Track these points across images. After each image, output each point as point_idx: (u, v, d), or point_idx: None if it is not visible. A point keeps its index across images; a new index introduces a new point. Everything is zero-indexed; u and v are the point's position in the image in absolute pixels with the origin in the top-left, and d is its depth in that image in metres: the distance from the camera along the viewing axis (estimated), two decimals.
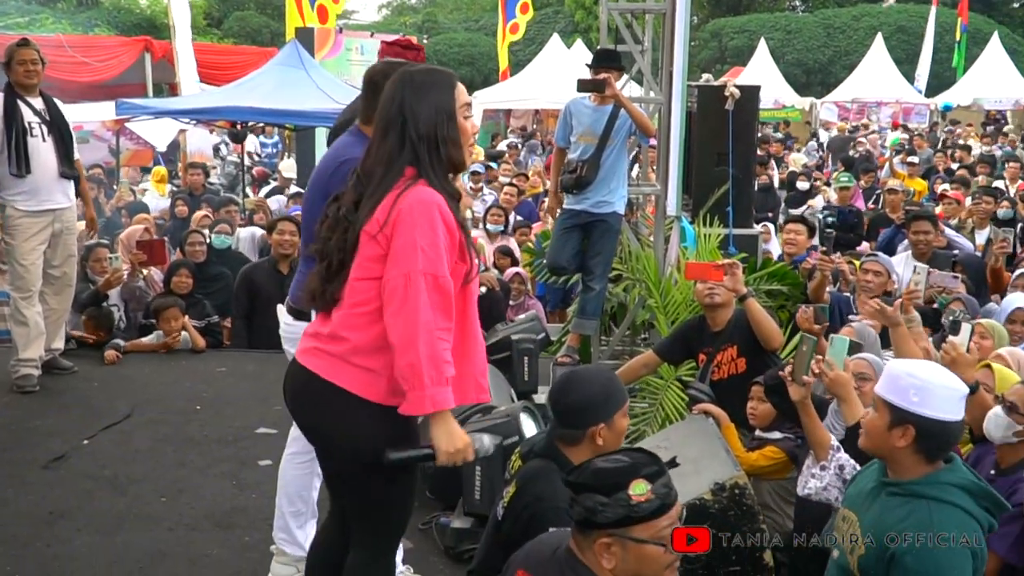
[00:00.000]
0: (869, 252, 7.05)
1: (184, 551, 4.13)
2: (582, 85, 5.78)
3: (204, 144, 16.59)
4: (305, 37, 14.40)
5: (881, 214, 9.79)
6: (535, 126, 24.28)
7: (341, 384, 2.66)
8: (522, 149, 19.34)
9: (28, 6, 26.25)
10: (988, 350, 4.41)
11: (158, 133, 15.40)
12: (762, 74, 24.56)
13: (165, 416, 5.73)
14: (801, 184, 13.00)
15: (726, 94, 7.07)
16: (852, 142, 19.79)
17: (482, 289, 5.51)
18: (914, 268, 5.16)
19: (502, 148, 18.68)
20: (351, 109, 3.83)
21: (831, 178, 14.18)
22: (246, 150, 15.17)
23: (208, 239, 7.81)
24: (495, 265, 8.13)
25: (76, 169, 6.16)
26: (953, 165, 15.25)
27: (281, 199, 11.88)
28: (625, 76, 6.49)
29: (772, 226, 9.75)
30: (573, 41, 25.61)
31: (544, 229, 8.51)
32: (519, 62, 28.39)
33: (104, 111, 13.40)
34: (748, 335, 4.73)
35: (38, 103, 5.98)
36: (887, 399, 2.69)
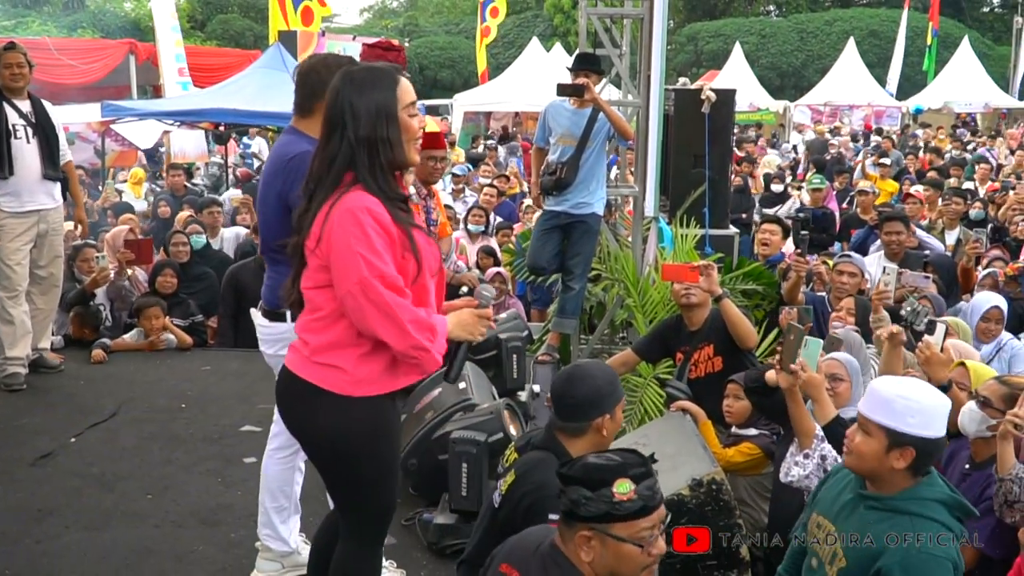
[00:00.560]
0: (843, 252, 7.08)
1: (170, 548, 4.16)
2: (562, 90, 5.87)
3: (198, 144, 16.57)
4: (288, 40, 14.38)
5: (853, 215, 9.91)
6: (515, 128, 24.35)
7: (310, 379, 2.76)
8: (502, 150, 19.38)
9: (14, 9, 26.13)
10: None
11: (143, 134, 15.40)
12: (737, 77, 24.66)
13: (151, 414, 5.77)
14: (775, 186, 13.13)
15: (702, 97, 7.19)
16: (829, 144, 19.93)
17: (463, 289, 5.56)
18: (884, 269, 5.28)
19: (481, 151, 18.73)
20: None
21: (805, 180, 14.30)
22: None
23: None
24: (478, 265, 8.19)
25: (61, 171, 6.21)
26: (914, 168, 15.41)
27: None
28: (604, 79, 6.59)
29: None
30: (552, 44, 25.77)
31: (524, 230, 8.59)
32: (499, 65, 28.55)
33: (90, 113, 13.38)
34: (724, 334, 4.82)
35: (25, 105, 6.04)
36: (882, 423, 2.67)
